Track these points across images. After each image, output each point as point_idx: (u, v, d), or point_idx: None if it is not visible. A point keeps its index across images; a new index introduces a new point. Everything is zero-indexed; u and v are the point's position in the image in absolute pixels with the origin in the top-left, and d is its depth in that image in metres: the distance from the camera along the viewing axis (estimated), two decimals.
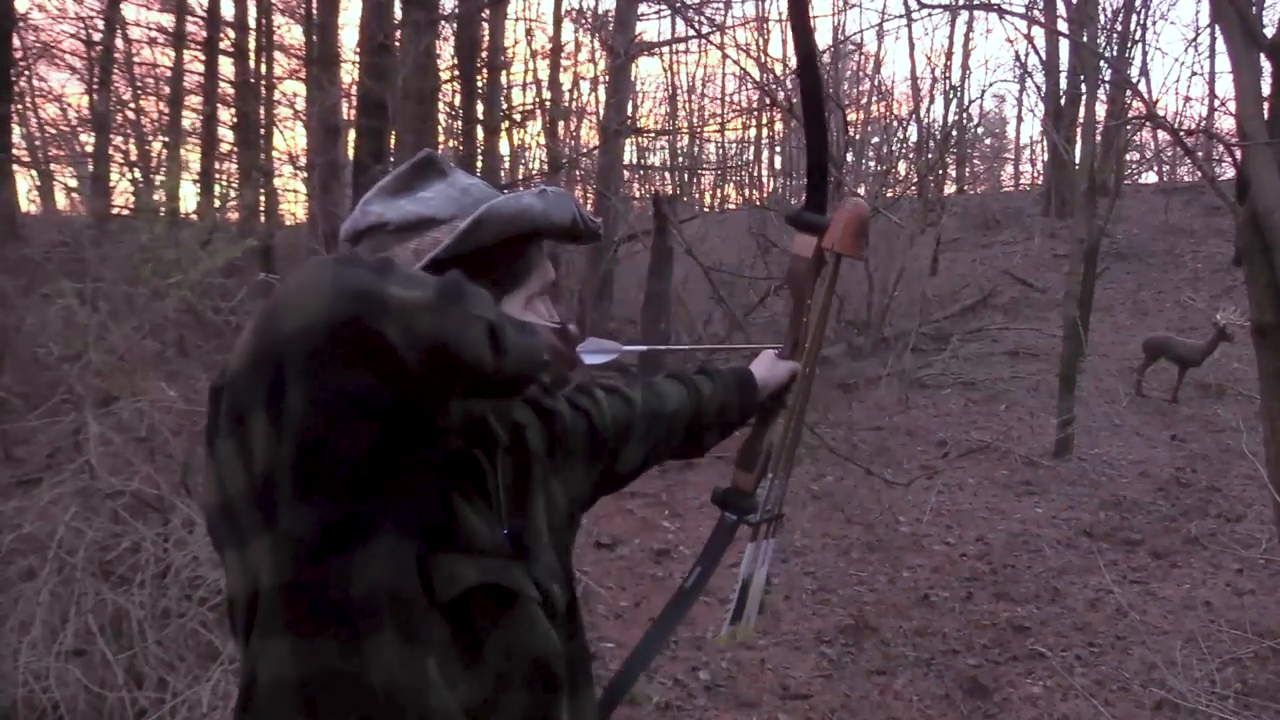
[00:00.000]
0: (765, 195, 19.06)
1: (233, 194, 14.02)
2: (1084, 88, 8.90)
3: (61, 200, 16.19)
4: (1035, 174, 26.51)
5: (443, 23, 11.10)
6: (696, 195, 20.70)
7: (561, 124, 15.67)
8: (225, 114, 15.59)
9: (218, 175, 15.85)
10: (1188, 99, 20.43)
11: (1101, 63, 8.70)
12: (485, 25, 12.92)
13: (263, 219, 12.98)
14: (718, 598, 4.68)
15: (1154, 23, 26.03)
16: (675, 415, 1.37)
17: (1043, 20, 13.78)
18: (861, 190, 13.28)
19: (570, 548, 1.20)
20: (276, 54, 15.94)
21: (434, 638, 0.91)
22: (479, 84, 12.64)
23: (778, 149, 21.98)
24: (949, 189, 20.74)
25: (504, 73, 13.77)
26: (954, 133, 18.57)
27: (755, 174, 22.16)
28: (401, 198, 1.02)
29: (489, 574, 0.97)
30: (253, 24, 15.25)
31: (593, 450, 1.26)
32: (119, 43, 14.58)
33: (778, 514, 1.42)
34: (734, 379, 1.45)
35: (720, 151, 21.22)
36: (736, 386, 1.44)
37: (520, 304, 1.04)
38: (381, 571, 0.87)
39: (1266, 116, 3.14)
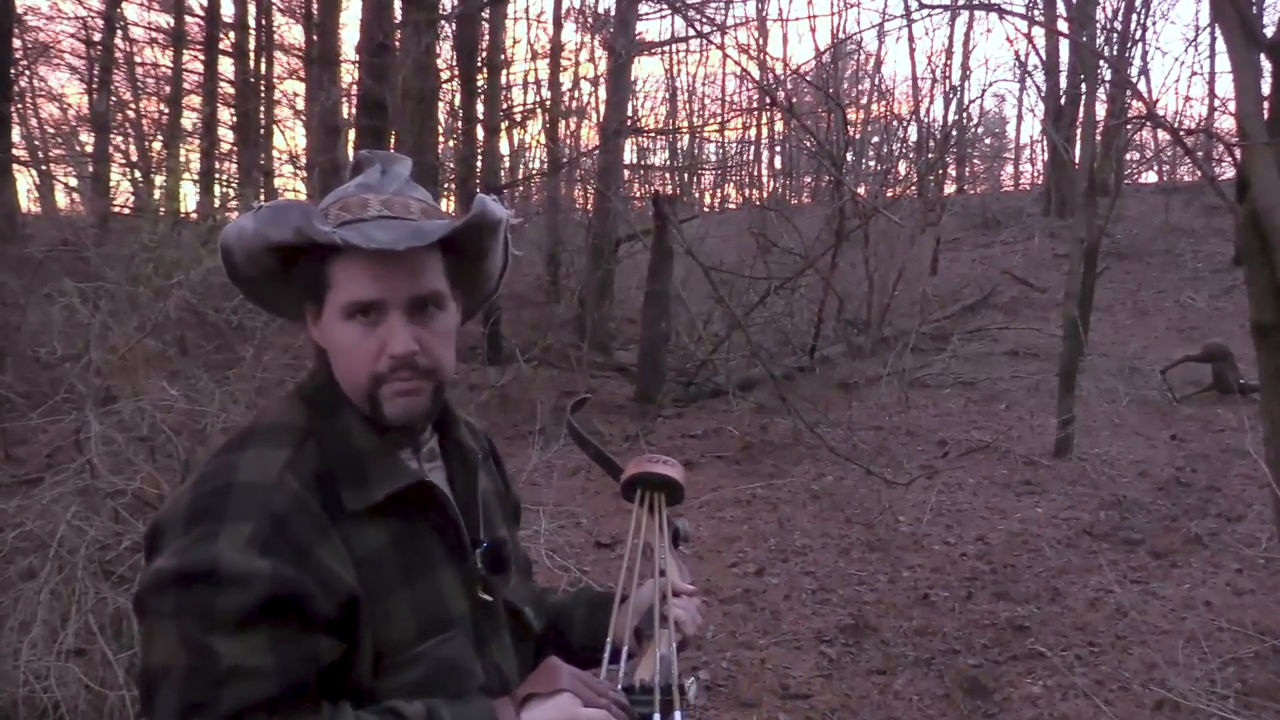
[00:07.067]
0: (765, 195, 19.07)
1: (233, 194, 14.01)
2: (1084, 88, 8.90)
3: (62, 200, 16.22)
4: (1035, 174, 26.58)
5: (443, 22, 11.10)
6: (696, 195, 20.70)
7: (561, 124, 15.68)
8: (225, 114, 15.61)
9: (218, 175, 15.86)
10: (1188, 99, 20.47)
11: (1101, 63, 8.70)
12: (485, 25, 12.92)
13: None
14: (718, 597, 4.70)
15: (1154, 23, 26.04)
16: None
17: (1043, 20, 13.81)
18: (862, 190, 13.32)
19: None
20: (276, 54, 15.96)
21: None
22: (479, 84, 12.64)
23: (778, 149, 22.02)
24: (949, 189, 20.79)
25: (504, 73, 13.77)
26: (954, 133, 18.60)
27: (755, 174, 22.20)
28: None
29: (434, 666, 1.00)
30: (253, 24, 15.26)
31: None
32: (119, 43, 14.58)
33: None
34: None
35: (720, 151, 21.22)
36: None
37: (335, 319, 1.01)
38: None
39: (1266, 116, 3.14)
